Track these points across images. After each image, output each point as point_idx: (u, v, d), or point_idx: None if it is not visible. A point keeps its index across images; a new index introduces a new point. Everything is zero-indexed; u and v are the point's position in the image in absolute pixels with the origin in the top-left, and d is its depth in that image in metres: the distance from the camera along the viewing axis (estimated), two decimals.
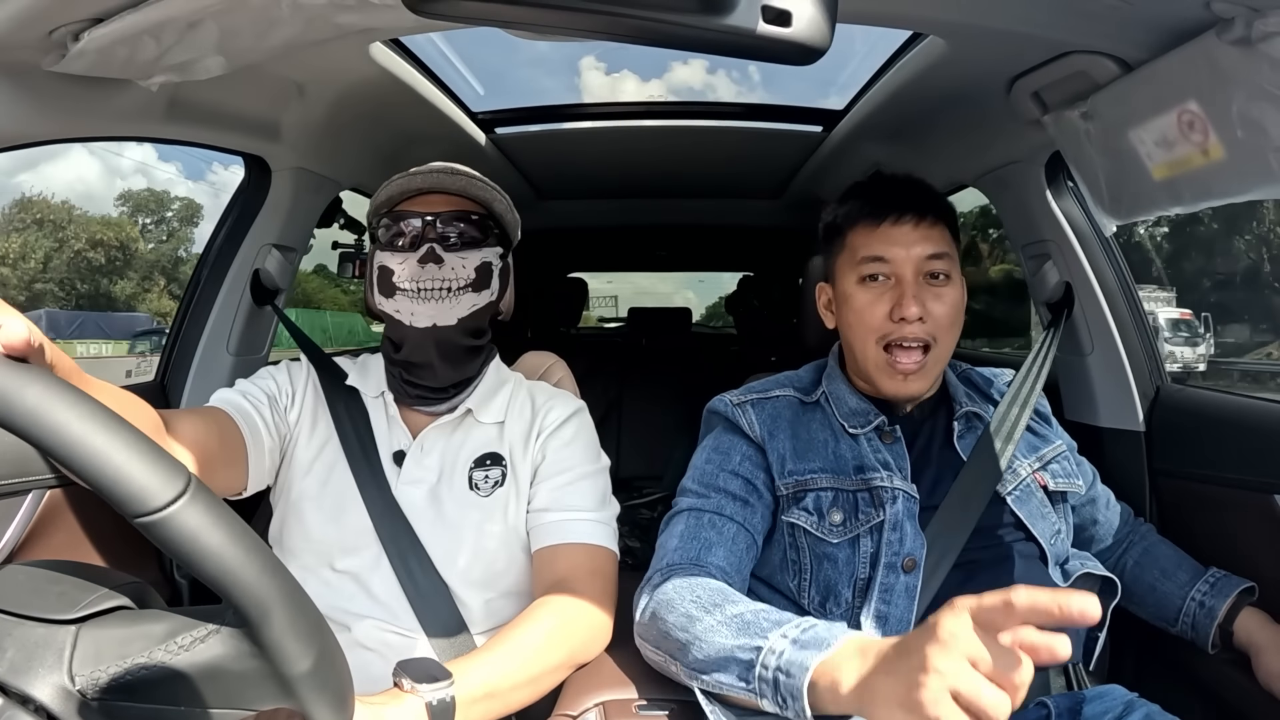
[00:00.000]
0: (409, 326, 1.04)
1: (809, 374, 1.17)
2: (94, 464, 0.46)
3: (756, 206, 2.83)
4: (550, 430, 1.10)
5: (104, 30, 0.86)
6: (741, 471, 1.05)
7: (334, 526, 1.04)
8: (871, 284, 1.04)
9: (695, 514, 1.01)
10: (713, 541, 0.98)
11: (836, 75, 1.83)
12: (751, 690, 0.75)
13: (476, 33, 1.43)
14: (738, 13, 0.53)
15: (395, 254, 1.05)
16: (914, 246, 1.02)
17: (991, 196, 1.69)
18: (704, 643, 0.81)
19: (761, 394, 1.12)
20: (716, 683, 0.79)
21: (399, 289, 1.04)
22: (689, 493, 1.05)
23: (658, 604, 0.90)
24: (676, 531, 1.00)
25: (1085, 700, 0.95)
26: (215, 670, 0.51)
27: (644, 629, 0.92)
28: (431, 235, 1.04)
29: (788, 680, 0.72)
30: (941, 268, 1.03)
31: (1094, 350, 1.51)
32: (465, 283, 1.05)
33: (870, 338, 1.04)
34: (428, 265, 1.03)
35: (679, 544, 0.99)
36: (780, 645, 0.75)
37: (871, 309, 1.03)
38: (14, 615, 0.52)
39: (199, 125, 1.24)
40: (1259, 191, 0.94)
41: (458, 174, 1.05)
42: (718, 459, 1.07)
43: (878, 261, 1.03)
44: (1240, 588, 1.11)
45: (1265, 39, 0.84)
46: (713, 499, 1.02)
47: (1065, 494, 1.11)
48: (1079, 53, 1.09)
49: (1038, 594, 0.57)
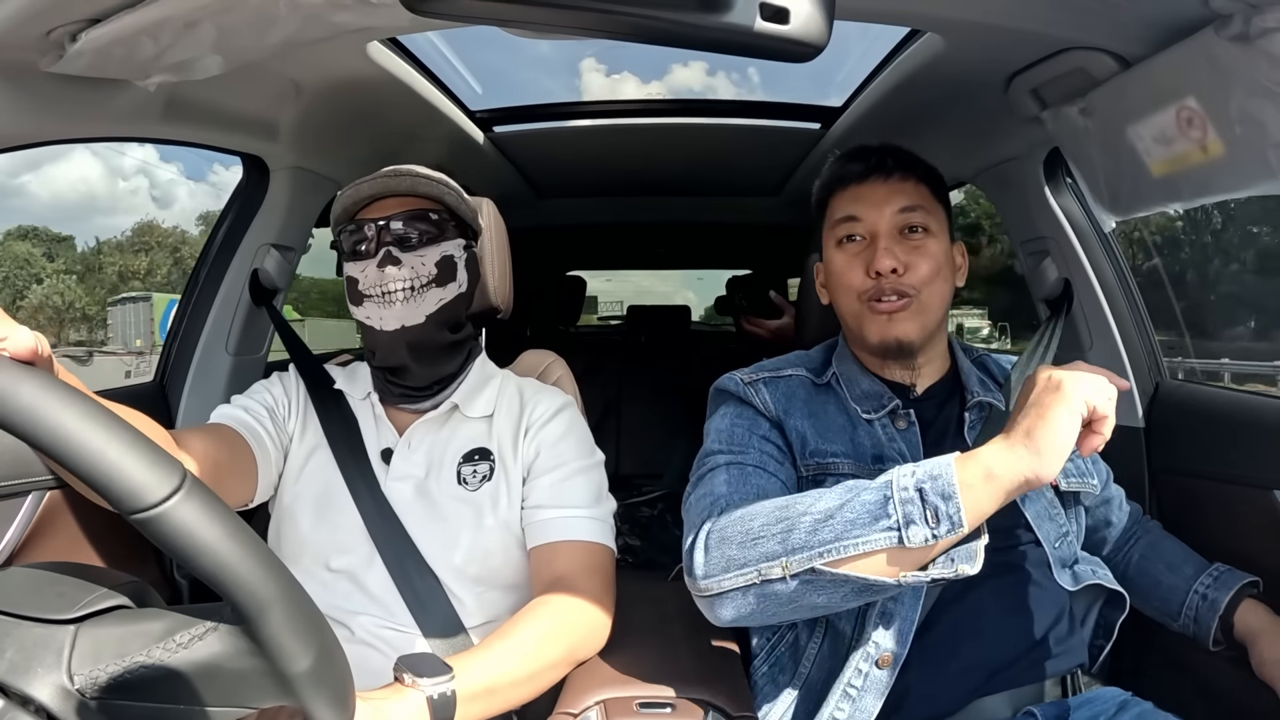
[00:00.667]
0: (380, 331, 1.05)
1: (820, 354, 1.15)
2: (89, 461, 0.46)
3: (756, 204, 2.83)
4: (540, 425, 1.10)
5: (101, 30, 0.86)
6: (771, 438, 1.03)
7: (327, 527, 1.04)
8: (849, 244, 1.06)
9: (737, 466, 0.97)
10: (766, 489, 0.94)
11: (834, 73, 1.83)
12: (892, 525, 0.76)
13: (474, 32, 1.43)
14: (736, 10, 0.53)
15: (358, 262, 1.05)
16: (885, 203, 1.03)
17: (990, 193, 1.69)
18: (811, 514, 0.80)
19: (773, 372, 1.10)
20: (845, 545, 0.77)
21: (365, 296, 1.05)
22: (719, 452, 1.00)
23: (729, 528, 0.85)
24: (720, 479, 0.95)
25: (1072, 708, 0.95)
26: (214, 668, 0.51)
27: (711, 564, 0.85)
28: (387, 239, 1.04)
29: (934, 483, 0.76)
30: (917, 220, 1.02)
31: (1093, 346, 1.51)
32: (428, 279, 1.05)
33: (851, 295, 1.05)
34: (387, 269, 1.03)
35: (729, 489, 0.94)
36: (907, 469, 0.79)
37: (850, 268, 1.05)
38: (13, 616, 0.52)
39: (197, 125, 1.24)
40: (1258, 187, 0.94)
41: (402, 175, 1.05)
42: (744, 423, 1.04)
43: (851, 221, 1.05)
44: (1244, 581, 1.11)
45: (1263, 35, 0.84)
46: (750, 454, 0.99)
47: (1078, 494, 1.10)
48: (1077, 49, 1.09)
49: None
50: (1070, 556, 1.07)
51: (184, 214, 67.25)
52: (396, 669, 0.78)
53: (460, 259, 1.09)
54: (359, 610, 1.00)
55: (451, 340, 1.10)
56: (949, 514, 0.74)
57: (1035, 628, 0.99)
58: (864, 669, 0.92)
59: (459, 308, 1.09)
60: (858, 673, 0.91)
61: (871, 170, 1.05)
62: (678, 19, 0.54)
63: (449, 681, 0.77)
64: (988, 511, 0.77)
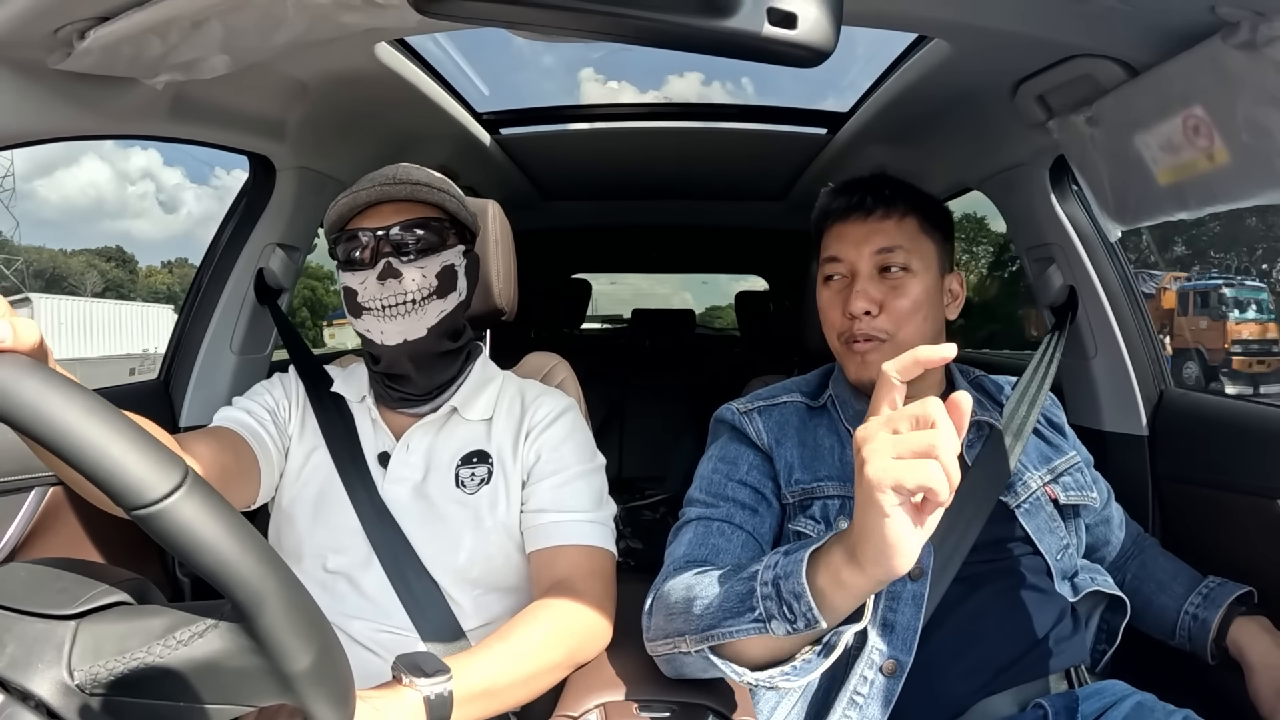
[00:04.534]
0: (380, 344, 1.04)
1: (816, 379, 1.17)
2: (92, 456, 0.46)
3: (761, 209, 2.83)
4: (541, 428, 1.09)
5: (109, 28, 0.86)
6: (750, 480, 1.05)
7: (324, 529, 1.04)
8: (830, 284, 1.07)
9: (704, 522, 1.01)
10: (721, 548, 0.97)
11: (840, 79, 1.83)
12: (758, 618, 0.73)
13: (481, 34, 1.44)
14: (743, 15, 0.53)
15: (355, 273, 1.03)
16: (864, 242, 1.04)
17: (996, 200, 1.69)
18: (703, 599, 0.80)
19: (769, 400, 1.12)
20: (724, 632, 0.77)
21: (365, 309, 1.03)
22: (696, 502, 1.04)
23: (663, 596, 0.89)
24: (685, 540, 0.99)
25: (1080, 699, 0.95)
26: (214, 665, 0.51)
27: (652, 626, 0.90)
28: (386, 249, 1.02)
29: (786, 582, 0.71)
30: (896, 260, 1.03)
31: (1098, 354, 1.51)
32: (429, 291, 1.03)
33: (833, 334, 1.08)
34: (387, 281, 1.01)
35: (686, 550, 0.98)
36: (772, 560, 0.75)
37: (831, 307, 1.07)
38: (14, 611, 0.52)
39: (204, 124, 1.24)
40: (1264, 196, 0.94)
41: (402, 182, 1.03)
42: (725, 468, 1.06)
43: (833, 262, 1.07)
44: (1232, 597, 1.10)
45: (1271, 43, 0.84)
46: (721, 508, 1.02)
47: (1077, 508, 1.10)
48: (1084, 56, 1.09)
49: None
50: (1071, 569, 1.07)
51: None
52: (395, 668, 0.77)
53: (460, 266, 1.08)
54: (355, 614, 1.00)
55: (452, 348, 1.10)
56: (803, 612, 0.70)
57: (1037, 628, 0.99)
58: (869, 676, 0.92)
59: (459, 316, 1.09)
60: (863, 680, 0.92)
61: (853, 208, 1.06)
62: (685, 22, 0.54)
63: (446, 682, 0.77)
64: (848, 610, 0.71)
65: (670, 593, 0.88)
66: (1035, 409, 1.12)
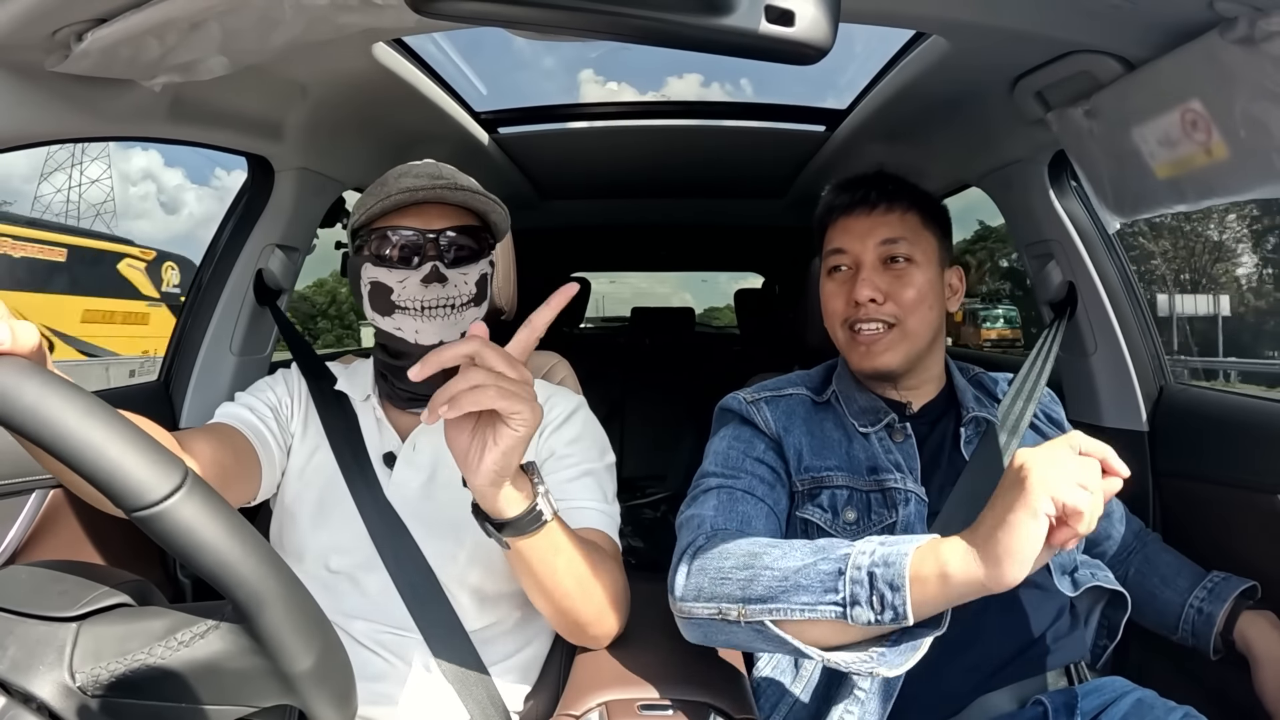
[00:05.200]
0: (414, 344, 1.03)
1: (820, 374, 1.18)
2: (91, 459, 0.46)
3: (760, 206, 2.83)
4: (554, 427, 1.09)
5: (107, 30, 0.86)
6: (765, 459, 1.05)
7: (327, 529, 1.04)
8: (835, 275, 1.10)
9: (727, 490, 0.99)
10: (750, 516, 0.96)
11: (838, 76, 1.83)
12: (839, 601, 0.73)
13: (479, 33, 1.44)
14: (740, 12, 0.53)
15: (390, 270, 1.01)
16: (868, 235, 1.06)
17: (995, 196, 1.69)
18: (773, 570, 0.79)
19: (775, 391, 1.13)
20: (790, 608, 0.76)
21: (399, 307, 1.02)
22: (713, 474, 1.03)
23: (707, 558, 0.86)
24: (709, 504, 0.97)
25: (1080, 695, 0.95)
26: (215, 666, 0.51)
27: (689, 586, 0.87)
28: (433, 252, 1.01)
29: (886, 570, 0.72)
30: (900, 251, 1.05)
31: (1097, 350, 1.50)
32: (468, 299, 1.04)
33: (836, 322, 1.09)
34: (431, 285, 1.00)
35: (716, 514, 0.96)
36: (869, 546, 0.75)
37: (835, 297, 1.09)
38: (15, 614, 0.52)
39: (202, 125, 1.24)
40: (1261, 190, 0.94)
41: (460, 187, 1.01)
42: (740, 445, 1.06)
43: (838, 254, 1.09)
44: (1238, 591, 1.10)
45: (1268, 38, 0.84)
46: (742, 479, 1.01)
47: None
48: (1082, 52, 1.09)
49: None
50: (1070, 564, 1.07)
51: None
52: (528, 467, 0.81)
53: (490, 276, 1.09)
54: (357, 614, 1.00)
55: None
56: (894, 604, 0.71)
57: (1036, 625, 1.00)
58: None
59: None
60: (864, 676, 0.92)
61: (857, 203, 1.08)
62: (683, 21, 0.54)
63: (552, 505, 0.81)
64: (936, 610, 0.72)
65: (721, 555, 0.85)
66: (1032, 404, 1.12)
